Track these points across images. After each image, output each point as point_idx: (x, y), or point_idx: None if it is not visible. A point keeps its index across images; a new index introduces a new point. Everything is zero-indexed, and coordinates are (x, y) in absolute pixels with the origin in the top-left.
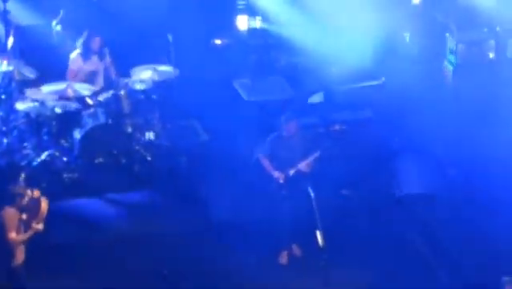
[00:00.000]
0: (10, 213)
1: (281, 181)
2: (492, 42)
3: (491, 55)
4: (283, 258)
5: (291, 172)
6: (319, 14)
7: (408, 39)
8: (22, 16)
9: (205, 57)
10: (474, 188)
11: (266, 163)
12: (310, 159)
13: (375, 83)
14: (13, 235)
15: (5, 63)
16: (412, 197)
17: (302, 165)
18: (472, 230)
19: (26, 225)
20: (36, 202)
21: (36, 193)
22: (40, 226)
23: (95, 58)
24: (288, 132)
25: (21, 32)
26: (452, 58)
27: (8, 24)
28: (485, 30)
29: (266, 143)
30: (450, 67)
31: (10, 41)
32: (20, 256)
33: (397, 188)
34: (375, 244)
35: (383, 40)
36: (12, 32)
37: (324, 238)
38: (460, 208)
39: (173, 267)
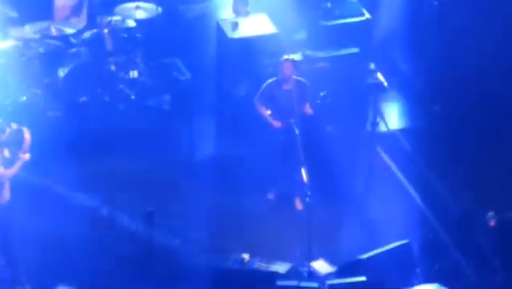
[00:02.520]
0: None
1: (279, 128)
2: None
3: None
4: (271, 195)
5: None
6: None
7: None
8: None
9: None
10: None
11: (263, 110)
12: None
13: (360, 19)
14: (1, 170)
15: None
16: (395, 132)
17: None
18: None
19: (13, 158)
20: (19, 134)
21: (14, 125)
22: (27, 156)
23: None
24: (284, 74)
25: None
26: None
27: None
28: None
29: (263, 88)
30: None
31: None
32: (6, 194)
33: (380, 123)
34: (357, 180)
35: None
36: None
37: (308, 174)
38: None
39: (159, 205)
